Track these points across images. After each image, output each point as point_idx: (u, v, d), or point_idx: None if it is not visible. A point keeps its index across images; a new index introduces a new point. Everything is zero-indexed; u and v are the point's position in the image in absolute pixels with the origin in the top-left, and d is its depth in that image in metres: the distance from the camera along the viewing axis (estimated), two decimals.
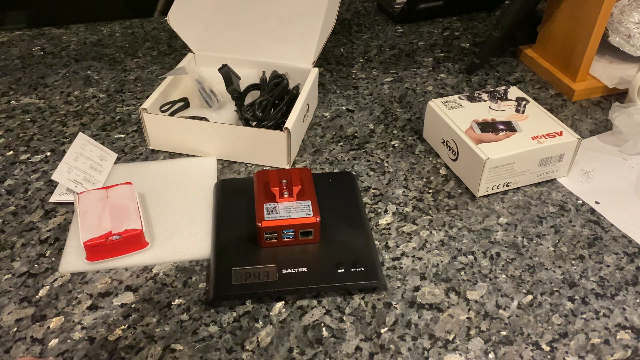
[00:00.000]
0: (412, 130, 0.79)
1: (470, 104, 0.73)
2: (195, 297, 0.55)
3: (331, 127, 0.79)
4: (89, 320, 0.53)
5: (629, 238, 0.62)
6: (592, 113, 0.83)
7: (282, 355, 0.50)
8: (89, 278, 0.57)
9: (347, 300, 0.55)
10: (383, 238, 0.62)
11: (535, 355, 0.50)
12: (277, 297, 0.55)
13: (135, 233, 0.57)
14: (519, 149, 0.65)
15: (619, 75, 0.85)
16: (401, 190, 0.69)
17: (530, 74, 0.92)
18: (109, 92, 0.87)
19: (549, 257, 0.60)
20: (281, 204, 0.58)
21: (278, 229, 0.57)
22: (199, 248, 0.60)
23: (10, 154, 0.74)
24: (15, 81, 0.89)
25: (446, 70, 0.93)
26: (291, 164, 0.72)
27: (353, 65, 0.94)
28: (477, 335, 0.52)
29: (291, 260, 0.56)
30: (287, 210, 0.58)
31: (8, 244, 0.61)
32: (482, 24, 1.08)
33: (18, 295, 0.55)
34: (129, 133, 0.77)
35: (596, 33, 0.79)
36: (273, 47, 0.82)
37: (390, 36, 1.04)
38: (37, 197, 0.67)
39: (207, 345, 0.51)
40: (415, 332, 0.52)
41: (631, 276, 0.58)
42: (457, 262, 0.59)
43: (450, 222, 0.64)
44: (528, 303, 0.55)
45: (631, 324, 0.53)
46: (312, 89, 0.77)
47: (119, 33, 1.04)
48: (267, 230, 0.57)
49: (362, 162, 0.73)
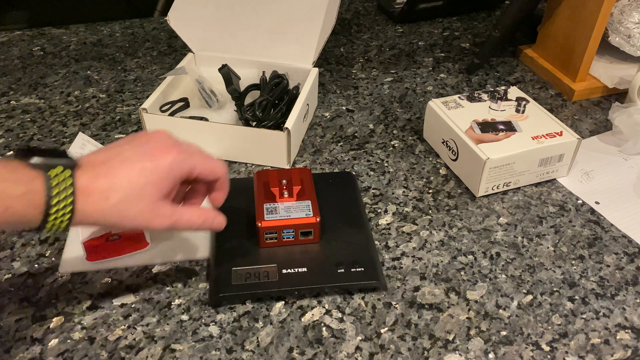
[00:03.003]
0: (412, 130, 0.79)
1: (470, 104, 0.73)
2: (195, 297, 0.55)
3: (331, 127, 0.79)
4: (89, 320, 0.53)
5: (629, 238, 0.62)
6: (592, 113, 0.83)
7: (282, 355, 0.50)
8: (89, 278, 0.57)
9: (347, 300, 0.55)
10: (383, 238, 0.62)
11: (535, 355, 0.50)
12: (277, 297, 0.55)
13: (135, 233, 0.57)
14: (519, 149, 0.65)
15: (619, 75, 0.85)
16: (401, 190, 0.69)
17: (530, 74, 0.92)
18: (109, 92, 0.87)
19: (549, 257, 0.60)
20: (281, 204, 0.58)
21: (278, 229, 0.57)
22: (199, 248, 0.60)
23: (10, 154, 0.74)
24: (15, 81, 0.89)
25: (446, 70, 0.93)
26: (291, 164, 0.72)
27: (353, 65, 0.94)
28: (477, 335, 0.52)
29: (291, 260, 0.56)
30: (287, 211, 0.58)
31: (8, 244, 0.61)
32: (482, 24, 1.08)
33: (18, 295, 0.55)
34: (129, 133, 0.77)
35: (596, 33, 0.79)
36: (273, 47, 0.82)
37: (390, 36, 1.04)
38: None
39: (207, 345, 0.51)
40: (415, 332, 0.52)
41: (631, 276, 0.58)
42: (457, 262, 0.59)
43: (450, 222, 0.64)
44: (528, 303, 0.55)
45: (631, 324, 0.53)
46: (312, 89, 0.77)
47: (119, 33, 1.04)
48: (267, 230, 0.57)
49: (362, 162, 0.73)
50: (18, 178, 0.40)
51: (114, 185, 0.43)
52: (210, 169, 0.49)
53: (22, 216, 0.40)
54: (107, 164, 0.44)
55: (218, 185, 0.52)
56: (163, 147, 0.46)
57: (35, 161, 0.42)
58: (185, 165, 0.46)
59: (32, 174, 0.41)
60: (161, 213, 0.46)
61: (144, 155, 0.45)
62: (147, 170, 0.44)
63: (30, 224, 0.41)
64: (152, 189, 0.44)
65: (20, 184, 0.40)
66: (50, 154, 0.43)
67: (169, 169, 0.45)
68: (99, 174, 0.43)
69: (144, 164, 0.44)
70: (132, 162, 0.44)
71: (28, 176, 0.40)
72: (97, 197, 0.42)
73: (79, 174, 0.42)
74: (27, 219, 0.41)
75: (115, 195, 0.43)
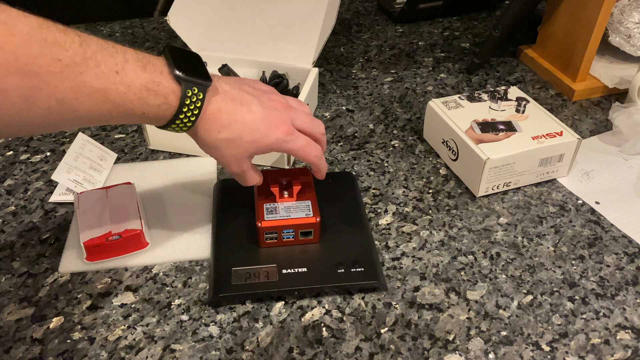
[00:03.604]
0: (412, 130, 0.79)
1: (470, 104, 0.73)
2: (195, 297, 0.55)
3: (331, 127, 0.79)
4: (89, 320, 0.53)
5: (629, 238, 0.62)
6: (592, 113, 0.83)
7: (282, 355, 0.50)
8: (89, 278, 0.57)
9: (347, 300, 0.55)
10: (383, 238, 0.62)
11: (535, 356, 0.50)
12: (277, 297, 0.55)
13: (135, 233, 0.57)
14: (519, 149, 0.65)
15: (619, 75, 0.85)
16: (401, 190, 0.69)
17: (530, 74, 0.92)
18: None
19: (549, 257, 0.60)
20: (281, 204, 0.58)
21: (278, 229, 0.57)
22: (199, 248, 0.60)
23: (10, 154, 0.74)
24: None
25: (446, 70, 0.93)
26: (291, 164, 0.72)
27: (353, 65, 0.94)
28: (477, 336, 0.52)
29: (291, 260, 0.56)
30: (287, 211, 0.58)
31: (8, 244, 0.61)
32: (482, 24, 1.08)
33: (18, 295, 0.55)
34: (129, 133, 0.77)
35: (596, 33, 0.79)
36: (273, 47, 0.82)
37: (390, 36, 1.04)
38: (37, 197, 0.67)
39: (207, 345, 0.51)
40: (415, 332, 0.52)
41: (631, 276, 0.58)
42: (457, 262, 0.59)
43: (450, 222, 0.64)
44: (528, 303, 0.55)
45: (631, 324, 0.53)
46: (312, 89, 0.77)
47: (119, 33, 1.04)
48: (267, 230, 0.56)
49: (362, 162, 0.73)
50: (159, 89, 0.44)
51: (230, 127, 0.48)
52: (304, 155, 0.54)
53: (152, 119, 0.46)
54: (235, 104, 0.49)
55: (314, 170, 0.58)
56: (281, 121, 0.51)
57: (179, 74, 0.45)
58: (285, 145, 0.52)
59: (173, 87, 0.45)
60: (241, 164, 0.52)
61: (265, 120, 0.50)
62: (258, 133, 0.50)
63: (155, 124, 0.47)
64: (252, 147, 0.50)
65: (159, 96, 0.44)
66: (192, 69, 0.46)
67: (272, 143, 0.51)
68: (225, 110, 0.48)
69: (261, 127, 0.50)
70: (253, 118, 0.49)
71: (169, 89, 0.44)
72: (213, 126, 0.48)
73: (211, 99, 0.48)
74: (155, 121, 0.46)
75: (226, 134, 0.49)
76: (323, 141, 0.57)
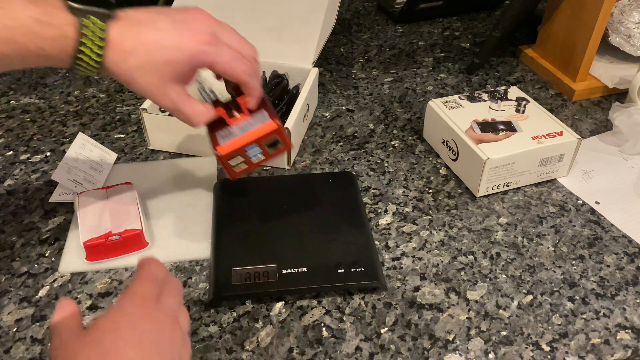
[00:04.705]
0: (412, 130, 0.79)
1: (470, 104, 0.73)
2: (195, 297, 0.55)
3: (331, 127, 0.79)
4: (89, 320, 0.53)
5: (629, 238, 0.62)
6: (592, 113, 0.83)
7: (282, 355, 0.50)
8: (89, 278, 0.57)
9: (347, 300, 0.55)
10: (383, 238, 0.62)
11: (535, 355, 0.50)
12: (277, 297, 0.55)
13: (135, 233, 0.57)
14: (519, 149, 0.65)
15: (619, 75, 0.85)
16: (401, 190, 0.69)
17: (530, 74, 0.92)
18: (109, 92, 0.87)
19: (549, 257, 0.60)
20: (234, 126, 0.51)
21: (239, 150, 0.50)
22: (199, 248, 0.60)
23: (10, 154, 0.74)
24: (15, 81, 0.89)
25: (446, 70, 0.93)
26: (291, 164, 0.72)
27: (353, 65, 0.94)
28: (477, 336, 0.52)
29: (291, 260, 0.56)
30: (242, 129, 0.51)
31: (8, 244, 0.61)
32: (482, 24, 1.08)
33: (18, 295, 0.55)
34: (129, 133, 0.77)
35: (596, 33, 0.79)
36: (273, 47, 0.82)
37: (390, 36, 1.04)
38: (37, 197, 0.67)
39: (207, 345, 0.51)
40: (415, 332, 0.52)
41: (631, 276, 0.58)
42: (457, 262, 0.59)
43: (450, 222, 0.64)
44: (528, 303, 0.55)
45: (631, 324, 0.53)
46: (312, 89, 0.77)
47: None
48: (230, 156, 0.50)
49: (362, 162, 0.73)
50: (53, 21, 0.41)
51: (135, 50, 0.44)
52: (231, 70, 0.48)
53: (55, 57, 0.42)
54: (140, 26, 0.45)
55: (245, 90, 0.51)
56: (197, 31, 0.46)
57: (71, 4, 0.42)
58: (207, 58, 0.47)
59: (67, 18, 0.42)
60: (167, 93, 0.47)
61: (175, 33, 0.45)
62: (169, 50, 0.45)
63: (63, 65, 0.43)
64: (168, 68, 0.45)
65: (53, 27, 0.41)
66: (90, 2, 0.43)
67: (190, 56, 0.46)
68: (128, 35, 0.44)
69: (171, 41, 0.45)
70: (161, 35, 0.45)
71: (63, 20, 0.42)
72: (119, 55, 0.44)
73: (113, 27, 0.44)
74: (59, 60, 0.43)
75: (133, 60, 0.44)
76: (255, 68, 0.50)
